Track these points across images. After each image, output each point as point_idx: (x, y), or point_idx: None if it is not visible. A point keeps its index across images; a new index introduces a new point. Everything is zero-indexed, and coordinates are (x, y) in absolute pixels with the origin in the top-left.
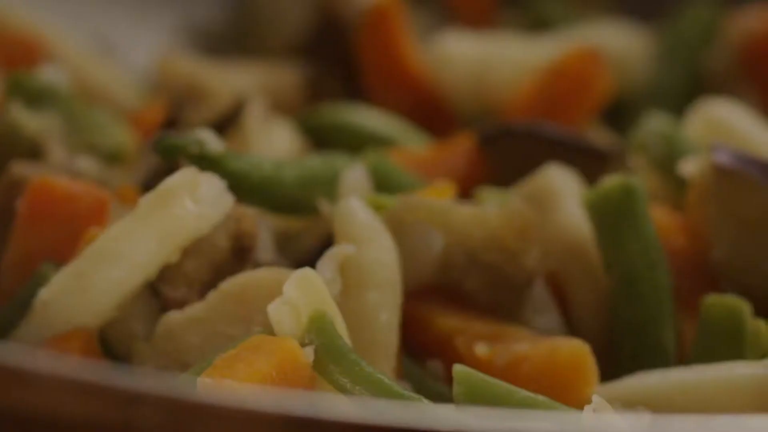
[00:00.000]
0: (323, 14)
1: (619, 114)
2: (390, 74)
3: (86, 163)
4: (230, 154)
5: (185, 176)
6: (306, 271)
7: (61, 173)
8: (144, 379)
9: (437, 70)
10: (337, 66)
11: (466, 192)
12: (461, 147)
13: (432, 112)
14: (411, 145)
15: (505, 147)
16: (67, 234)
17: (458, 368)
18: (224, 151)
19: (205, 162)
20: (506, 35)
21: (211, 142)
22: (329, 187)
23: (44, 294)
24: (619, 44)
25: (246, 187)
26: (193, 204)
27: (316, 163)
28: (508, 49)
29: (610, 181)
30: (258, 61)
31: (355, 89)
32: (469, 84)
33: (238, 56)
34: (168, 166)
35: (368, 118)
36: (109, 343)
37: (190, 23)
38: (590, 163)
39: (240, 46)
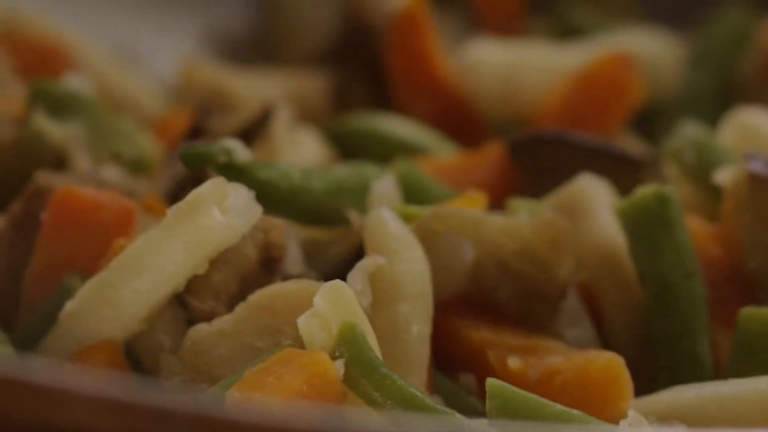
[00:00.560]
0: (349, 20)
1: (650, 122)
2: (418, 81)
3: (111, 173)
4: (258, 163)
5: (213, 186)
6: (336, 283)
7: (87, 183)
8: (172, 395)
9: (466, 78)
10: (364, 73)
11: (495, 201)
12: (491, 156)
13: (461, 120)
14: (440, 153)
15: (536, 155)
16: (92, 244)
17: (491, 382)
18: (252, 161)
19: (233, 171)
20: (535, 42)
21: (239, 151)
22: (358, 196)
23: (70, 306)
24: (650, 51)
25: (274, 197)
26: (221, 215)
27: (345, 172)
28: (538, 55)
29: (644, 190)
30: (283, 68)
31: (382, 97)
32: (498, 91)
33: (262, 64)
34: (194, 176)
35: (397, 126)
36: (135, 356)
37: (213, 30)
38: (623, 172)
39: (264, 54)
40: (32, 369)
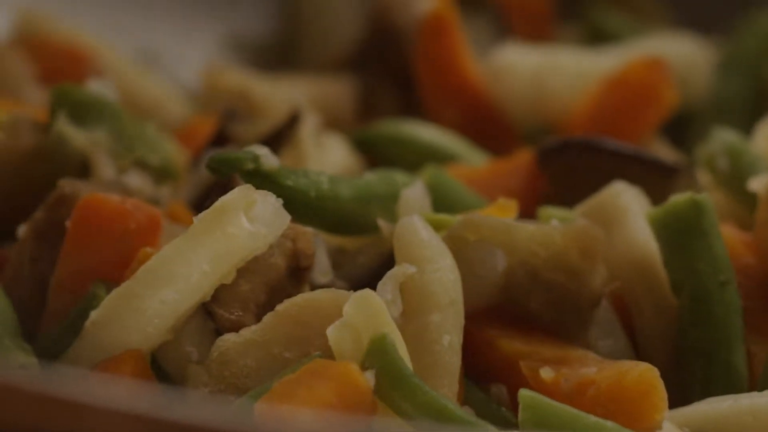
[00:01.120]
0: (375, 24)
1: (680, 128)
2: (447, 85)
3: (136, 180)
4: (285, 170)
5: (240, 194)
6: (366, 293)
7: (111, 190)
8: (199, 408)
9: (495, 82)
10: (391, 78)
11: (525, 210)
12: (520, 163)
13: (489, 127)
14: (468, 160)
15: (566, 162)
16: (117, 253)
17: (524, 393)
18: (279, 167)
19: (260, 178)
20: (565, 48)
21: (266, 157)
22: (387, 204)
23: (95, 316)
24: (681, 56)
25: (302, 205)
26: (249, 223)
27: (374, 179)
28: (568, 60)
29: (678, 197)
30: (307, 74)
31: (409, 103)
32: (528, 96)
33: (285, 70)
34: (221, 183)
35: (424, 132)
36: (161, 367)
37: (235, 36)
38: (656, 179)
39: (287, 60)
40: (57, 381)
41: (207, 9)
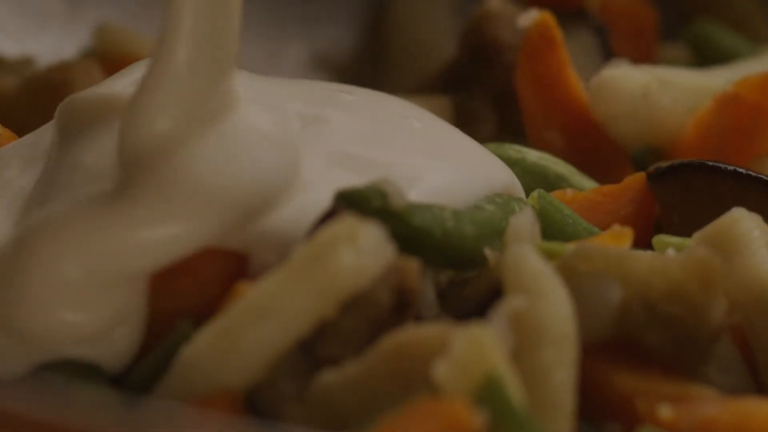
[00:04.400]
0: (473, 40)
1: None
2: (552, 104)
3: None
4: (412, 207)
5: (344, 226)
6: (476, 327)
7: None
8: None
9: (601, 101)
10: (489, 98)
11: (636, 237)
12: (630, 187)
13: (594, 148)
14: (575, 184)
15: (680, 187)
16: (201, 290)
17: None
18: (407, 205)
19: (388, 216)
20: (672, 67)
21: (394, 195)
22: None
23: (187, 353)
24: None
25: (427, 245)
26: (352, 256)
27: (496, 212)
28: (678, 78)
29: None
30: (398, 94)
31: (508, 124)
32: (636, 116)
33: (374, 89)
34: (325, 214)
35: (531, 153)
36: (256, 405)
37: (322, 55)
38: None
39: (376, 78)
40: (142, 423)
41: (293, 29)
